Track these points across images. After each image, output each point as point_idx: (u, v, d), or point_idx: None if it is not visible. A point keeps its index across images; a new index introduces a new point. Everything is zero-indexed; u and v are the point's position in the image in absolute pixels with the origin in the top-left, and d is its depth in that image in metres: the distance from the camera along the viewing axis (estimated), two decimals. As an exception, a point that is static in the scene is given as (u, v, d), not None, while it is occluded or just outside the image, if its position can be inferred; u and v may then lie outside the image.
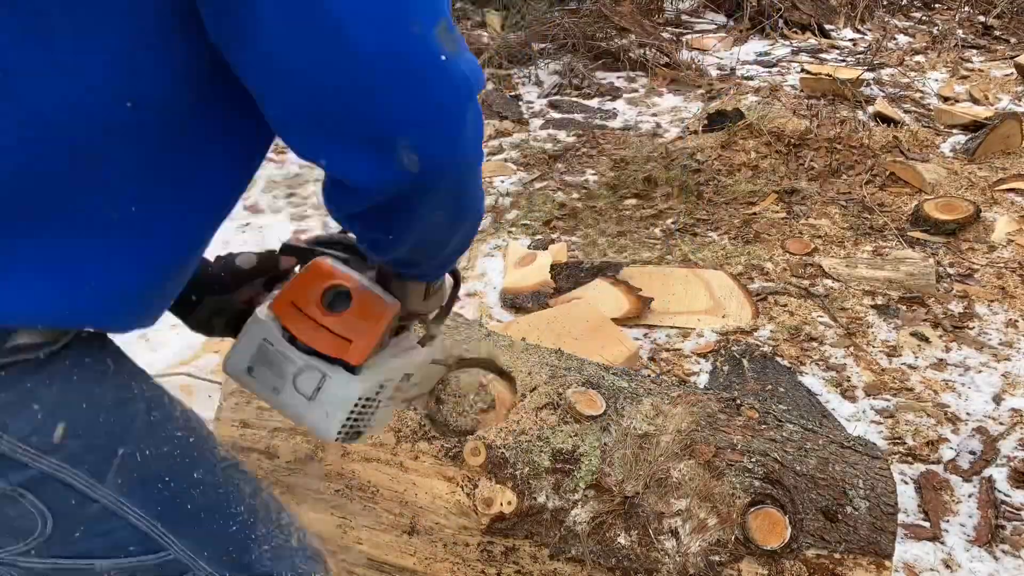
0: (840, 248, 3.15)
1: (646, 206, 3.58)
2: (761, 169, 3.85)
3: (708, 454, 1.42)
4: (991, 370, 2.44)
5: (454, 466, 1.46)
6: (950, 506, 1.97)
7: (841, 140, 4.00)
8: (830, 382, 2.41)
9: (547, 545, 1.41)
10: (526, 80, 5.52)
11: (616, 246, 3.24)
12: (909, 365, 2.48)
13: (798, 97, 4.83)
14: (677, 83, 5.33)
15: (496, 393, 1.60)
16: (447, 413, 1.55)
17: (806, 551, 1.33)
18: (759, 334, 2.63)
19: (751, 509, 1.36)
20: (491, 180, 3.96)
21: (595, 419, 1.49)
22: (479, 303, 2.90)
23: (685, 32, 6.56)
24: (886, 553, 1.32)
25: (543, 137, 4.54)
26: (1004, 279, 2.88)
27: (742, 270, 3.00)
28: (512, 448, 1.46)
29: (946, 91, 4.97)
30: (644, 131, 4.52)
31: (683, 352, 2.57)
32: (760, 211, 3.46)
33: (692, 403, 1.55)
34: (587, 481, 1.42)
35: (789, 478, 1.39)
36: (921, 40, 6.17)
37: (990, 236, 3.17)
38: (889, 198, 3.53)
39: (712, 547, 1.35)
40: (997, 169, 3.75)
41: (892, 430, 2.21)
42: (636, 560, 1.38)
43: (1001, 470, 2.07)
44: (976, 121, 4.21)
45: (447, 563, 1.47)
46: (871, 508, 1.36)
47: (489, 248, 3.31)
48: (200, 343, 2.72)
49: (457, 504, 1.44)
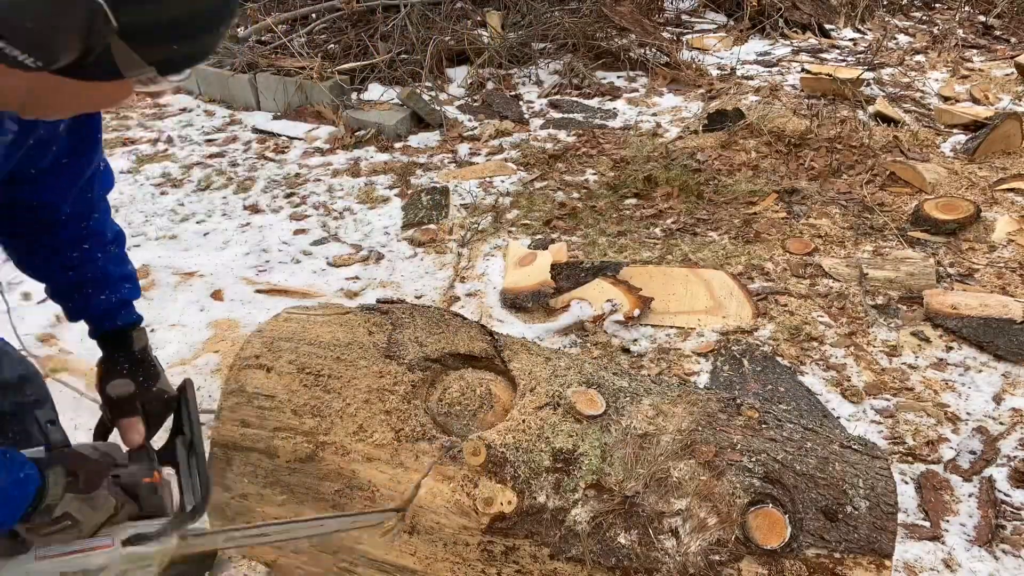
0: (840, 248, 3.15)
1: (646, 206, 3.58)
2: (761, 169, 3.85)
3: (708, 454, 1.42)
4: (991, 370, 2.44)
5: (454, 466, 1.46)
6: (950, 506, 1.97)
7: (841, 140, 4.01)
8: (830, 382, 2.41)
9: (547, 545, 1.41)
10: (526, 80, 5.52)
11: (616, 246, 3.24)
12: (909, 365, 2.48)
13: (798, 97, 4.83)
14: (677, 83, 5.33)
15: (496, 393, 1.60)
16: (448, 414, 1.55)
17: (806, 551, 1.33)
18: (759, 334, 2.63)
19: (751, 509, 1.36)
20: (491, 180, 3.96)
21: (595, 419, 1.49)
22: (479, 303, 2.90)
23: (685, 32, 6.56)
24: (886, 553, 1.32)
25: (543, 137, 4.54)
26: (1004, 279, 2.88)
27: (742, 270, 3.00)
28: (512, 448, 1.46)
29: (946, 91, 4.97)
30: (644, 131, 4.52)
31: (683, 352, 2.57)
32: (760, 211, 3.46)
33: (692, 403, 1.55)
34: (587, 481, 1.42)
35: (789, 478, 1.39)
36: (921, 40, 6.17)
37: (990, 236, 3.17)
38: (889, 198, 3.53)
39: (712, 546, 1.35)
40: (997, 169, 3.75)
41: (892, 430, 2.21)
42: (636, 560, 1.38)
43: (1001, 470, 2.06)
44: (976, 121, 4.21)
45: (447, 563, 1.47)
46: (871, 508, 1.36)
47: (489, 248, 3.31)
48: (200, 342, 2.72)
49: (457, 504, 1.44)
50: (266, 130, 4.85)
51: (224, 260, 3.30)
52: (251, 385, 1.63)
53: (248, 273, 3.19)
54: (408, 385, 1.60)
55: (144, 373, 1.28)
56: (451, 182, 3.94)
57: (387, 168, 4.19)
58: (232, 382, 1.64)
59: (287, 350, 1.67)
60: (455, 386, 1.61)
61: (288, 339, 1.70)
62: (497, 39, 5.76)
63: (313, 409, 1.58)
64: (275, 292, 3.02)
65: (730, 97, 4.83)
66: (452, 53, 5.58)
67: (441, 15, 5.70)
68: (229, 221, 3.69)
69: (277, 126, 4.88)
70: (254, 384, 1.63)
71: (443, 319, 1.78)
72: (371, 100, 5.03)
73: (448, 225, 3.51)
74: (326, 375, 1.62)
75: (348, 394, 1.59)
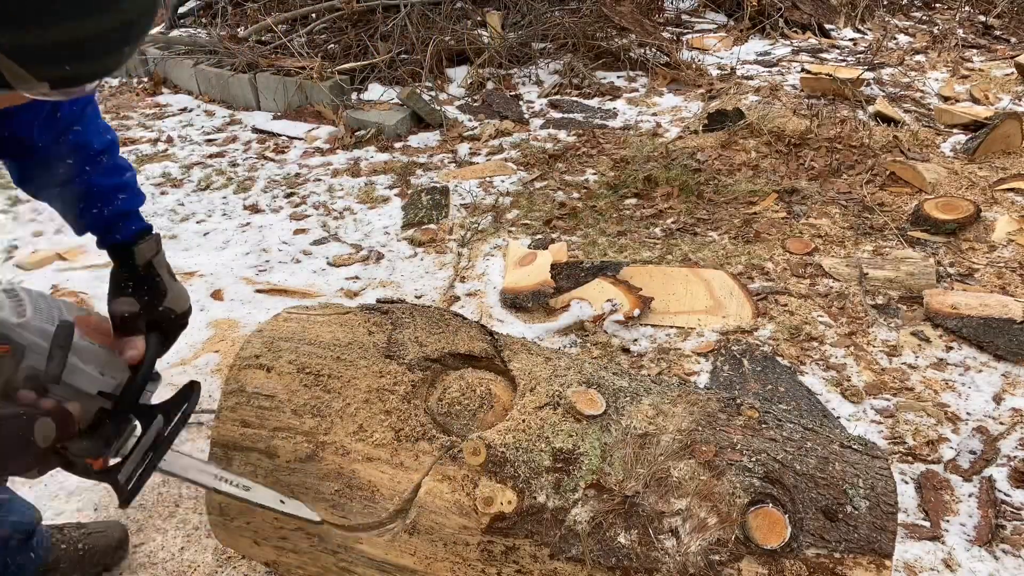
0: (840, 248, 3.15)
1: (646, 206, 3.58)
2: (761, 169, 3.85)
3: (708, 454, 1.42)
4: (991, 370, 2.44)
5: (454, 466, 1.46)
6: (950, 506, 1.97)
7: (841, 140, 4.01)
8: (830, 382, 2.41)
9: (547, 544, 1.41)
10: (526, 80, 5.52)
11: (616, 246, 3.24)
12: (909, 365, 2.48)
13: (798, 97, 4.83)
14: (677, 83, 5.33)
15: (496, 393, 1.60)
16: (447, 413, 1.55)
17: (806, 550, 1.33)
18: (759, 334, 2.63)
19: (751, 508, 1.36)
20: (491, 180, 3.96)
21: (595, 418, 1.49)
22: (479, 302, 2.90)
23: (685, 32, 6.56)
24: (886, 553, 1.32)
25: (543, 137, 4.54)
26: (1004, 279, 2.88)
27: (742, 270, 3.00)
28: (512, 448, 1.46)
29: (946, 91, 4.97)
30: (644, 131, 4.52)
31: (683, 352, 2.57)
32: (760, 211, 3.46)
33: (692, 403, 1.55)
34: (587, 480, 1.42)
35: (789, 477, 1.39)
36: (921, 40, 6.17)
37: (990, 236, 3.17)
38: (889, 198, 3.53)
39: (712, 546, 1.35)
40: (997, 169, 3.75)
41: (892, 430, 2.21)
42: (636, 560, 1.38)
43: (1001, 470, 2.06)
44: (976, 121, 4.21)
45: (447, 563, 1.47)
46: (871, 507, 1.36)
47: (489, 248, 3.31)
48: (201, 342, 2.72)
49: (457, 504, 1.44)
50: (266, 130, 4.85)
51: (224, 260, 3.31)
52: (251, 385, 1.63)
53: (248, 273, 3.19)
54: (408, 385, 1.60)
55: (150, 291, 1.24)
56: (451, 182, 3.94)
57: (387, 168, 4.19)
58: (232, 382, 1.64)
59: (287, 350, 1.67)
60: (455, 386, 1.61)
61: (288, 339, 1.70)
62: (497, 39, 5.76)
63: (313, 409, 1.58)
64: (275, 292, 3.02)
65: (730, 97, 4.83)
66: (452, 53, 5.58)
67: (441, 15, 5.70)
68: (229, 221, 3.69)
69: (277, 126, 4.88)
70: (254, 384, 1.63)
71: (443, 319, 1.78)
72: (371, 100, 5.03)
73: (448, 225, 3.51)
74: (326, 375, 1.62)
75: (348, 394, 1.59)
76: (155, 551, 1.88)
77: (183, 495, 2.05)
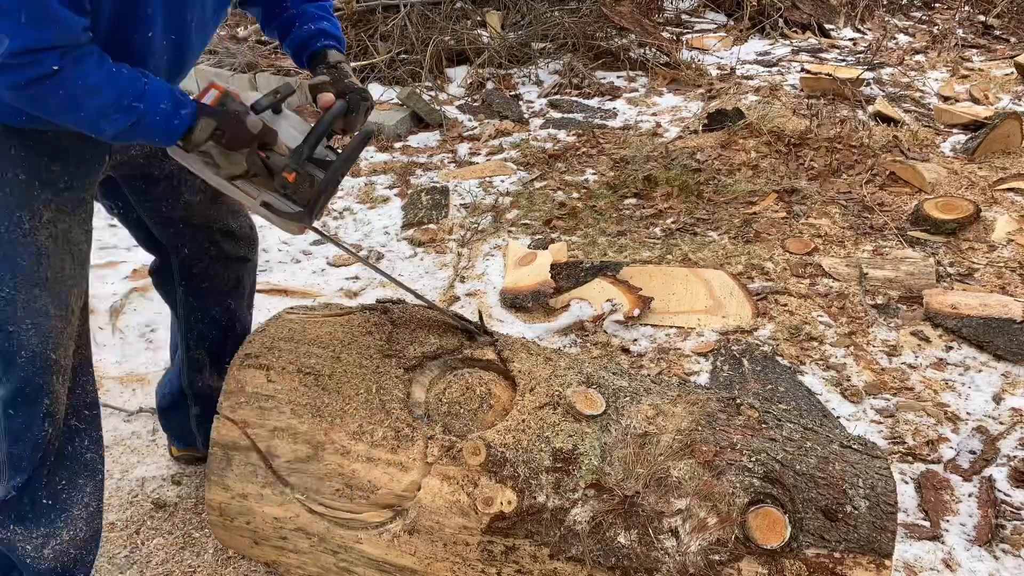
0: (840, 248, 3.15)
1: (646, 206, 3.58)
2: (761, 169, 3.85)
3: (708, 454, 1.42)
4: (991, 369, 2.44)
5: (454, 466, 1.46)
6: (950, 506, 1.97)
7: (841, 140, 4.00)
8: (830, 382, 2.41)
9: (547, 544, 1.41)
10: (526, 80, 5.51)
11: (616, 246, 3.24)
12: (909, 364, 2.48)
13: (798, 97, 4.83)
14: (677, 83, 5.33)
15: (496, 393, 1.60)
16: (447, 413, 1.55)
17: (806, 550, 1.33)
18: (759, 334, 2.63)
19: (751, 508, 1.36)
20: (491, 180, 3.96)
21: (595, 419, 1.49)
22: (479, 302, 2.90)
23: (685, 31, 6.56)
24: (886, 552, 1.32)
25: (543, 137, 4.54)
26: (1004, 278, 2.88)
27: (742, 270, 3.00)
28: (512, 448, 1.46)
29: (946, 91, 4.97)
30: (644, 131, 4.52)
31: (683, 352, 2.57)
32: (760, 211, 3.46)
33: (692, 403, 1.55)
34: (587, 480, 1.42)
35: (789, 477, 1.39)
36: (921, 40, 6.17)
37: (990, 235, 3.17)
38: (889, 198, 3.53)
39: (712, 546, 1.35)
40: (997, 168, 3.75)
41: (892, 429, 2.21)
42: (636, 559, 1.38)
43: (1001, 469, 2.06)
44: (976, 120, 4.21)
45: (447, 563, 1.47)
46: (871, 507, 1.36)
47: (489, 247, 3.31)
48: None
49: (457, 504, 1.44)
50: (266, 130, 4.84)
51: (224, 260, 3.30)
52: (251, 385, 1.63)
53: (248, 273, 3.19)
54: (408, 385, 1.61)
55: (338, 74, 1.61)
56: (451, 182, 3.94)
57: (387, 168, 4.19)
58: (232, 382, 1.64)
59: (287, 350, 1.68)
60: (455, 386, 1.62)
61: (288, 339, 1.70)
62: (497, 39, 5.76)
63: (313, 409, 1.58)
64: (275, 292, 3.02)
65: (730, 97, 4.83)
66: (452, 53, 5.58)
67: (441, 15, 5.70)
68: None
69: (277, 126, 4.87)
70: (254, 384, 1.63)
71: (443, 318, 1.79)
72: (371, 100, 5.02)
73: (448, 225, 3.51)
74: (326, 375, 1.62)
75: (348, 394, 1.59)
76: (155, 551, 1.88)
77: (182, 495, 2.05)
